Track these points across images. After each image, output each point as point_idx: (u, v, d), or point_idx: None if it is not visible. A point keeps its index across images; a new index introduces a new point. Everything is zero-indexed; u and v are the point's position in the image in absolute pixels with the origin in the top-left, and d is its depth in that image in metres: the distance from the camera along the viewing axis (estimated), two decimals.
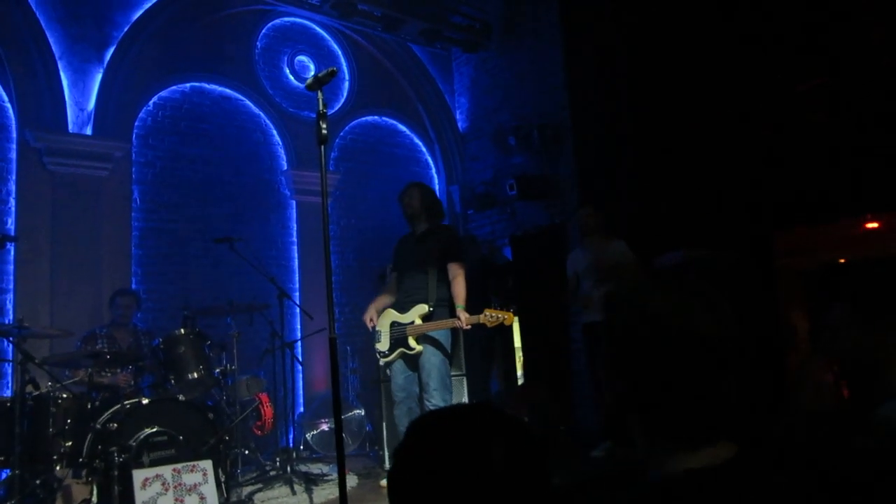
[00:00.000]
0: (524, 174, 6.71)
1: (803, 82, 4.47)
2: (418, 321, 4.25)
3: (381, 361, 4.45)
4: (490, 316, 4.05)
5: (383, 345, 4.36)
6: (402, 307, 4.35)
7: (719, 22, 5.05)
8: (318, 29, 7.34)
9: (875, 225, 4.33)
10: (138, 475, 3.68)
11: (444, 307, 4.31)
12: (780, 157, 4.55)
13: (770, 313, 4.44)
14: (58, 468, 4.05)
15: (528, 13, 7.07)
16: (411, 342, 4.26)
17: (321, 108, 2.84)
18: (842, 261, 4.62)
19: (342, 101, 7.40)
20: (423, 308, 4.27)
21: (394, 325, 4.35)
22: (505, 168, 7.17)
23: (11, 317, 5.09)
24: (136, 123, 6.04)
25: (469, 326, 4.12)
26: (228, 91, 6.64)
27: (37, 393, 4.10)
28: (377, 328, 4.41)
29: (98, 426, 3.95)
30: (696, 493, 0.91)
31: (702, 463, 0.94)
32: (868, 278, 4.30)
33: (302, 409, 6.30)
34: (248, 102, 6.76)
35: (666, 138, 5.47)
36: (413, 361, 4.33)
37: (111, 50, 5.87)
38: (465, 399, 5.08)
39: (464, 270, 4.34)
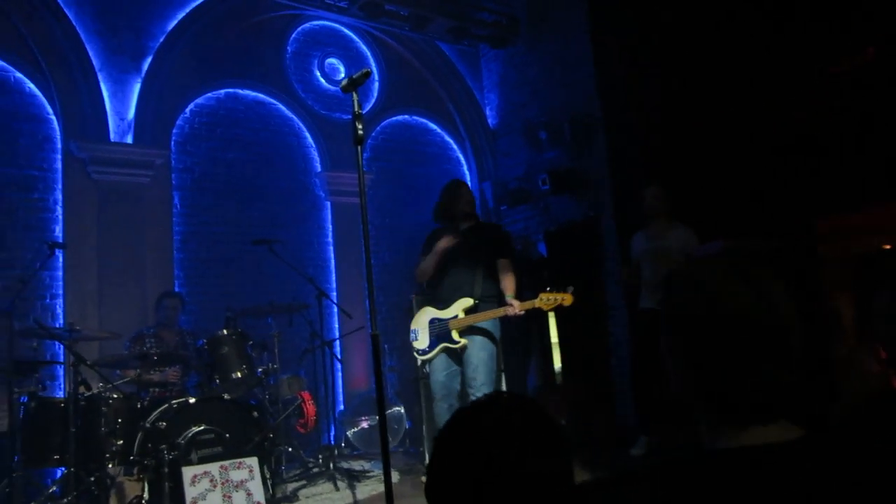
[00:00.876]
0: (556, 169, 6.71)
1: (837, 64, 4.39)
2: (461, 315, 4.22)
3: (420, 360, 4.46)
4: (547, 299, 4.00)
5: (421, 342, 4.34)
6: (445, 302, 4.31)
7: (749, 7, 4.99)
8: (346, 31, 7.44)
9: None
10: (187, 472, 3.80)
11: (491, 302, 4.27)
12: (819, 141, 4.46)
13: (815, 300, 4.37)
14: (110, 466, 4.20)
15: (555, 6, 7.06)
16: (455, 336, 4.21)
17: (356, 108, 2.88)
18: (887, 247, 4.52)
19: (373, 101, 7.48)
20: (468, 301, 4.22)
21: (433, 321, 4.31)
22: (537, 163, 7.17)
23: (62, 321, 5.28)
24: (174, 131, 6.21)
25: (523, 312, 4.05)
26: (262, 96, 6.78)
27: (89, 394, 4.27)
28: (414, 327, 4.43)
29: (147, 425, 4.08)
30: (752, 469, 0.93)
31: (760, 441, 0.96)
32: None
33: (342, 407, 6.40)
34: (280, 106, 6.89)
35: (699, 127, 5.42)
36: (457, 356, 4.30)
37: (148, 60, 6.04)
38: None
39: (513, 266, 4.35)
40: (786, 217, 4.77)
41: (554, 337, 6.85)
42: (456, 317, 4.23)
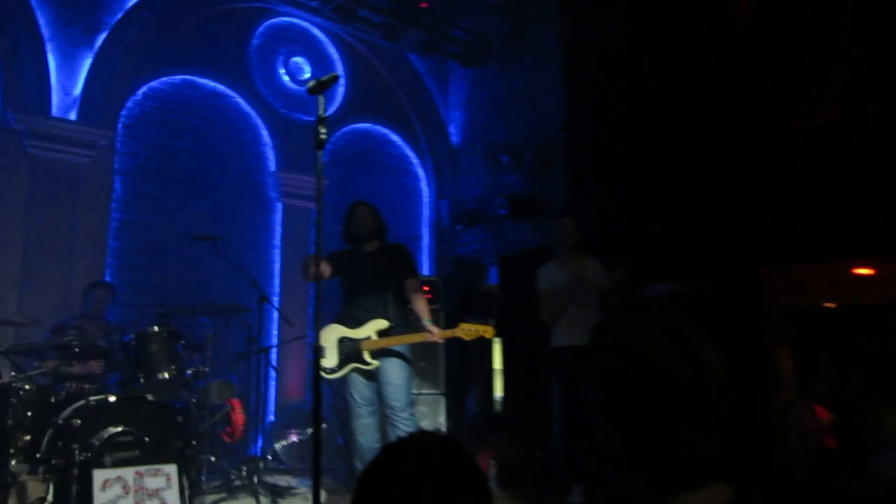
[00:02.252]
0: (515, 193, 6.74)
1: (803, 119, 4.53)
2: (374, 336, 4.22)
3: (327, 377, 4.39)
4: (467, 329, 4.07)
5: (329, 361, 4.27)
6: (354, 322, 4.29)
7: (720, 52, 5.13)
8: (315, 31, 7.35)
9: (868, 271, 4.38)
10: (99, 475, 3.58)
11: (401, 325, 4.34)
12: (777, 192, 4.59)
13: (757, 351, 4.47)
14: (13, 463, 3.92)
15: (528, 34, 7.15)
16: (367, 357, 4.22)
17: (321, 112, 2.83)
18: (829, 305, 4.66)
19: (336, 105, 7.40)
20: (382, 323, 4.23)
21: (343, 340, 4.27)
22: (496, 186, 7.19)
23: None
24: (123, 112, 5.99)
25: (443, 340, 4.13)
26: (220, 87, 6.61)
27: None
28: (321, 343, 4.26)
29: (60, 421, 3.84)
30: None
31: None
32: (857, 325, 4.34)
33: (273, 418, 6.21)
34: (239, 100, 6.73)
35: (661, 165, 5.52)
36: (370, 376, 4.30)
37: (103, 36, 5.82)
38: (443, 419, 5.04)
39: (420, 286, 4.45)
40: (733, 264, 4.86)
41: (497, 363, 6.83)
42: (368, 338, 4.23)
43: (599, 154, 6.09)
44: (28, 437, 3.93)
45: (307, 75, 7.10)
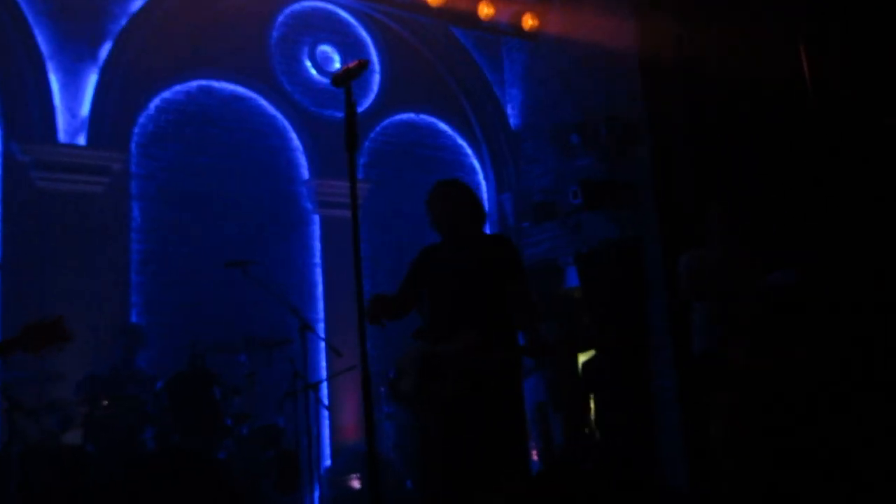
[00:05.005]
0: (591, 179, 6.64)
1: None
2: (465, 351, 3.79)
3: (401, 404, 4.27)
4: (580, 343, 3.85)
5: (406, 384, 3.93)
6: (438, 337, 3.95)
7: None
8: (342, 13, 7.46)
9: None
10: None
11: (500, 336, 3.91)
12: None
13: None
14: None
15: None
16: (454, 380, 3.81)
17: (350, 105, 2.84)
18: None
19: (372, 97, 7.47)
20: (472, 336, 3.81)
21: (425, 359, 3.91)
22: (567, 172, 7.11)
23: None
24: (136, 130, 6.22)
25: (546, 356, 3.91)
26: (240, 89, 6.79)
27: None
28: (399, 365, 4.02)
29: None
30: None
31: None
32: None
33: (329, 463, 6.31)
34: (262, 101, 6.89)
35: (763, 136, 5.35)
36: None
37: (107, 46, 6.06)
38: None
39: (528, 290, 4.09)
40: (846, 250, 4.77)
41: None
42: (457, 354, 3.86)
43: (690, 124, 5.95)
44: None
45: (337, 65, 7.21)
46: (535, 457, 6.11)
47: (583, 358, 6.47)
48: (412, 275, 4.11)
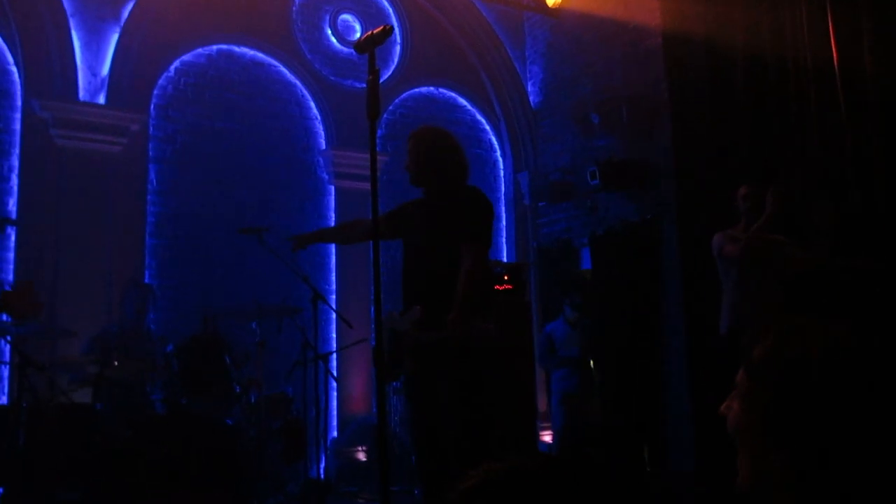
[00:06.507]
0: (609, 159, 6.56)
1: None
2: (411, 326, 3.33)
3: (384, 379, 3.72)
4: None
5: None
6: (404, 308, 3.50)
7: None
8: None
9: None
10: None
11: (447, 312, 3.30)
12: None
13: None
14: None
15: None
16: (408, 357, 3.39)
17: (373, 72, 2.78)
18: None
19: (392, 68, 7.38)
20: (418, 311, 3.32)
21: (393, 333, 3.39)
22: (586, 152, 7.03)
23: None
24: (156, 92, 6.17)
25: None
26: (261, 55, 6.72)
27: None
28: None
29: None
30: None
31: None
32: None
33: (336, 434, 6.31)
34: (282, 68, 6.83)
35: (789, 118, 5.25)
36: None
37: (129, 6, 6.00)
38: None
39: (482, 255, 3.47)
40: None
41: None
42: (407, 329, 3.41)
43: (714, 104, 5.83)
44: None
45: (357, 35, 7.12)
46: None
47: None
48: (393, 215, 3.79)
